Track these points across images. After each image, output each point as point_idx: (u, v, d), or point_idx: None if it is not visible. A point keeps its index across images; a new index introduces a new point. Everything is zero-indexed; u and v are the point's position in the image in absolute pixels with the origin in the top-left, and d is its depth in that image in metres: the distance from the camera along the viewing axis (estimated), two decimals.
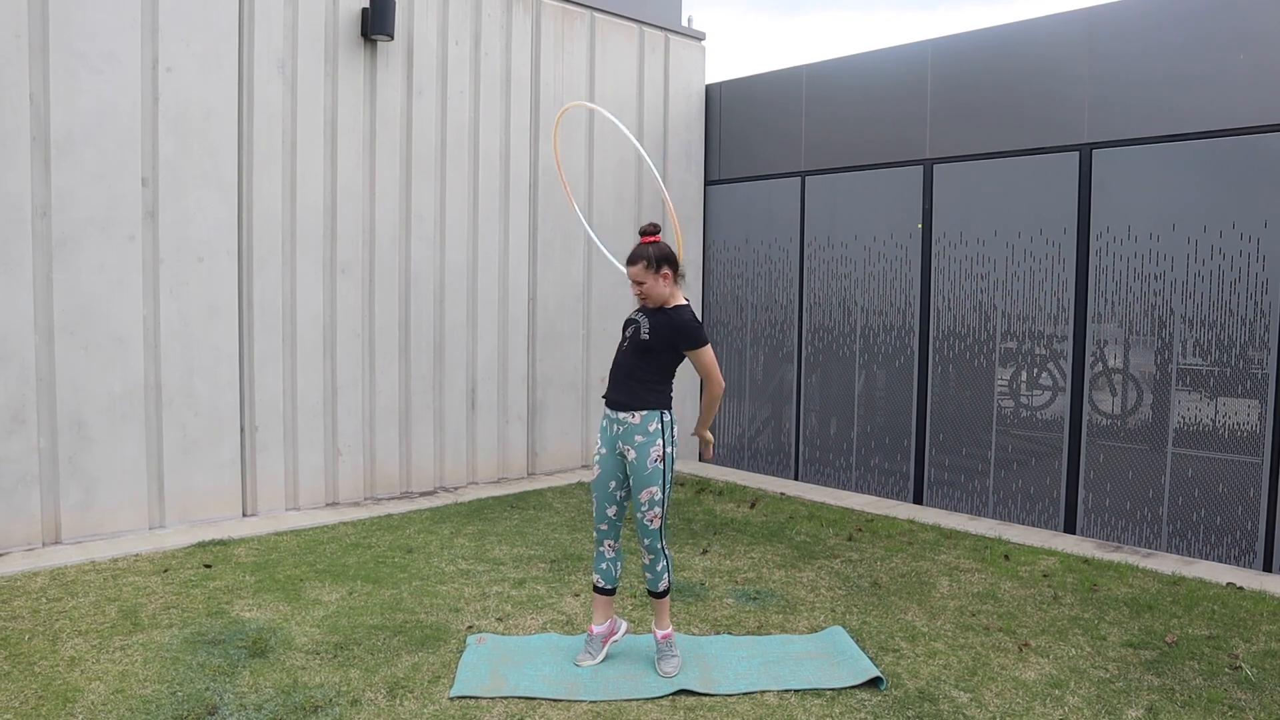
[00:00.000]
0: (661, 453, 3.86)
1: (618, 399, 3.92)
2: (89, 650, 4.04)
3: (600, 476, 4.01)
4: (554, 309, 8.02)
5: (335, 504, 6.77)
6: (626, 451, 3.90)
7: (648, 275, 3.89)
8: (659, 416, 3.87)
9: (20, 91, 5.31)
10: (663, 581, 3.99)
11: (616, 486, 3.99)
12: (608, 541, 4.04)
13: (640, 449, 3.86)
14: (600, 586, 4.09)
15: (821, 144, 7.93)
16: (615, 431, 3.93)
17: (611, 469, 3.98)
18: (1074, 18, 6.45)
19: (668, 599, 4.03)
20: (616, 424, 3.92)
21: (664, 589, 4.00)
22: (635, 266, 3.90)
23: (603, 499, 4.01)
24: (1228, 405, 5.86)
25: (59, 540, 5.58)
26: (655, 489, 3.86)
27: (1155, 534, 6.11)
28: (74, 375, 5.57)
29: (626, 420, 3.88)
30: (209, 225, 6.06)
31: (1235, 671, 4.07)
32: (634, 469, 3.88)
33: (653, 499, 3.87)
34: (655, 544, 3.95)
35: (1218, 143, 5.83)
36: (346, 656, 4.04)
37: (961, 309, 7.05)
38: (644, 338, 3.91)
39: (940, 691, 3.84)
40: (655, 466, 3.85)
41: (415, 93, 7.01)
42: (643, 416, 3.86)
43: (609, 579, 4.08)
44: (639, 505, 3.90)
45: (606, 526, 4.02)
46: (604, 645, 4.08)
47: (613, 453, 3.97)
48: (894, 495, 7.49)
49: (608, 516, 4.02)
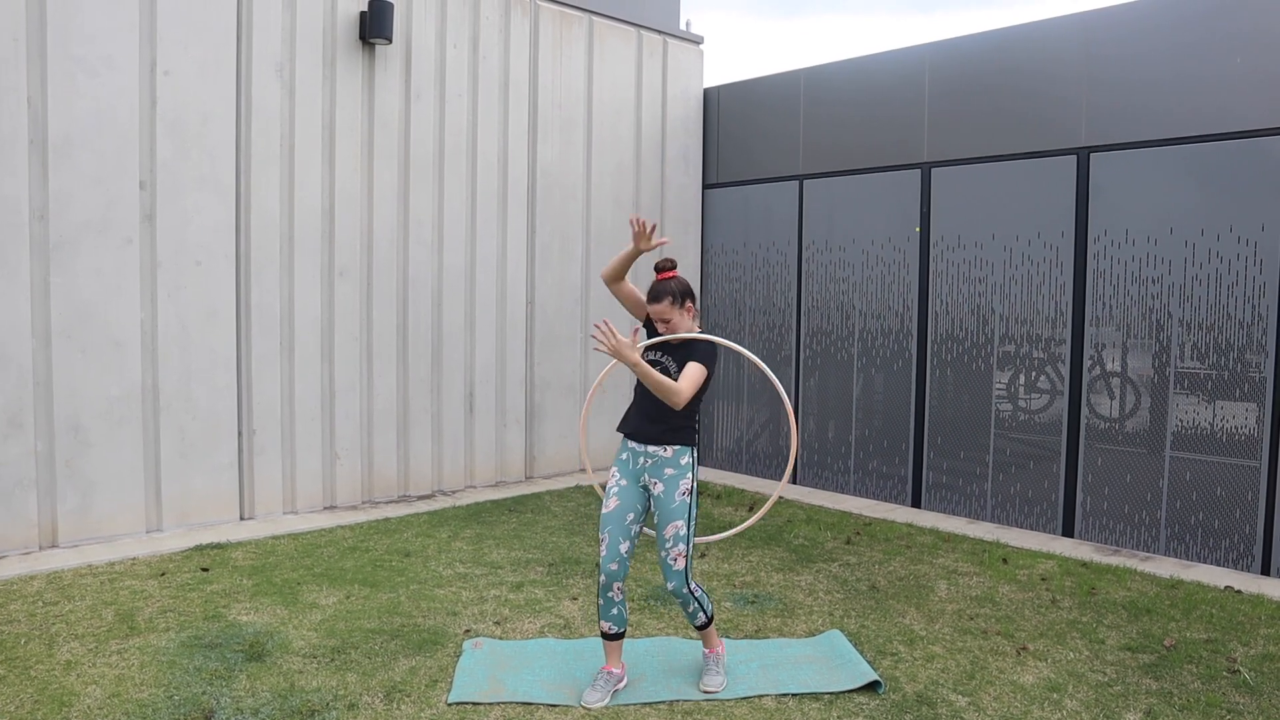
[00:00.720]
0: (689, 487, 3.77)
1: (649, 434, 3.78)
2: (85, 654, 4.03)
3: (617, 509, 3.79)
4: (552, 312, 8.02)
5: (333, 507, 6.77)
6: (653, 485, 3.78)
7: (673, 311, 3.79)
8: (690, 451, 3.79)
9: (18, 95, 5.31)
10: (700, 616, 3.86)
11: (634, 520, 3.80)
12: (616, 585, 3.79)
13: (669, 482, 3.76)
14: (612, 633, 3.85)
15: (819, 147, 7.93)
16: (641, 464, 3.80)
17: (631, 501, 3.80)
18: (1071, 21, 6.47)
19: (711, 626, 3.91)
20: (644, 457, 3.79)
21: (702, 623, 3.89)
22: (660, 304, 3.78)
23: (618, 533, 3.77)
24: (1225, 409, 5.86)
25: (56, 544, 5.57)
26: (680, 523, 3.73)
27: (1153, 537, 6.10)
28: (71, 379, 5.57)
29: (657, 454, 3.77)
30: (207, 229, 6.06)
31: (1233, 675, 4.07)
32: (659, 503, 3.77)
33: (678, 534, 3.73)
34: (681, 588, 3.76)
35: (1215, 146, 5.83)
36: (344, 660, 4.03)
37: (959, 312, 7.06)
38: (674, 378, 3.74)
39: (938, 695, 3.83)
40: (682, 500, 3.74)
41: (413, 96, 7.02)
42: (675, 450, 3.77)
43: (620, 623, 3.85)
44: (663, 543, 3.75)
45: (617, 566, 3.76)
46: (613, 688, 3.85)
47: (635, 484, 3.82)
48: (892, 499, 7.49)
49: (620, 554, 3.76)
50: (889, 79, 7.45)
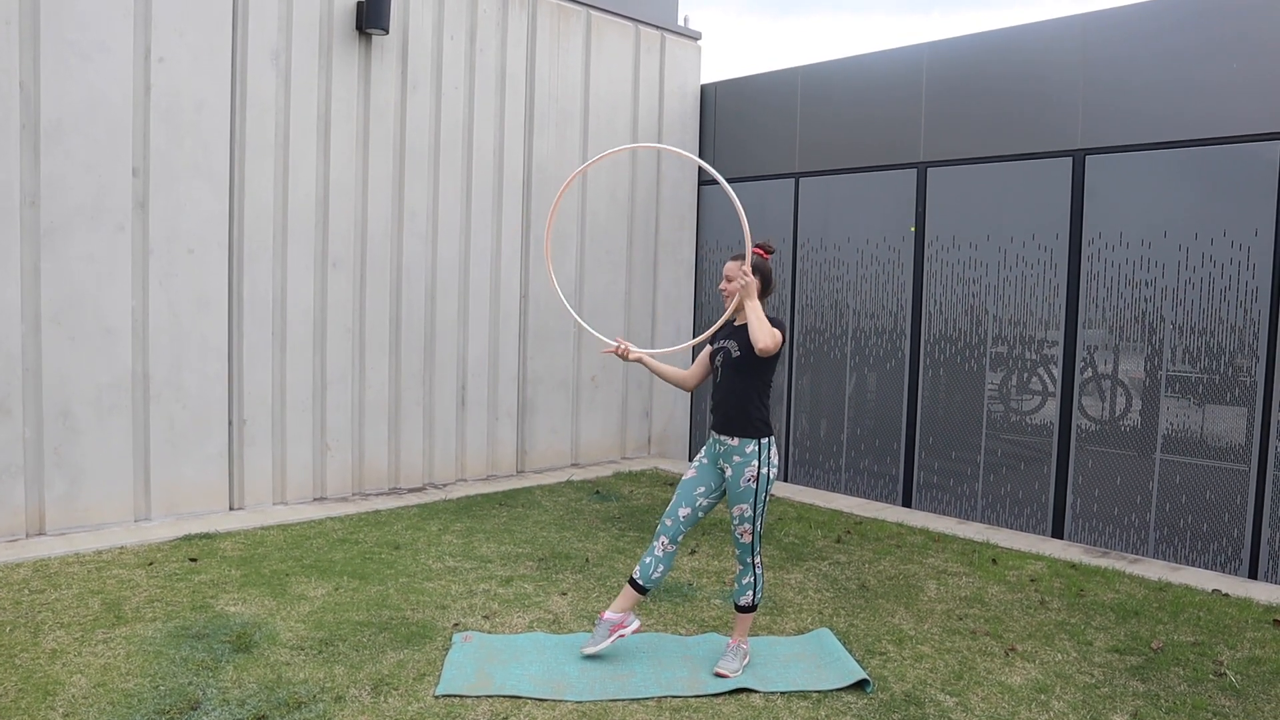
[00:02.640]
0: (756, 474, 3.97)
1: (722, 423, 4.04)
2: (71, 643, 4.01)
3: (691, 478, 4.12)
4: (545, 307, 8.00)
5: (323, 499, 6.74)
6: (725, 468, 4.05)
7: (749, 276, 3.93)
8: (756, 442, 3.98)
9: (10, 79, 5.27)
10: (745, 596, 4.05)
11: (704, 494, 4.09)
12: (663, 538, 4.08)
13: (737, 468, 3.99)
14: (634, 578, 4.10)
15: (816, 145, 7.93)
16: (718, 450, 4.07)
17: (705, 477, 4.10)
18: (1069, 23, 6.47)
19: (750, 616, 4.07)
20: (719, 444, 4.06)
21: (745, 604, 4.05)
22: (736, 263, 4.02)
23: (682, 496, 4.09)
24: (1215, 412, 5.88)
25: (43, 531, 5.54)
26: (746, 506, 3.97)
27: (1142, 540, 6.12)
28: (61, 365, 5.53)
29: (726, 441, 4.02)
30: (200, 217, 6.02)
31: (1220, 678, 4.08)
32: (730, 484, 4.02)
33: (743, 515, 3.98)
34: (746, 557, 4.04)
35: (1211, 150, 5.85)
36: (331, 653, 4.02)
37: (953, 313, 7.06)
38: (736, 355, 4.01)
39: (926, 695, 3.84)
40: (749, 485, 3.97)
41: (410, 87, 6.98)
42: (740, 441, 3.99)
43: (645, 574, 4.07)
44: (733, 518, 4.03)
45: (670, 523, 4.08)
46: (610, 634, 4.05)
47: (713, 464, 4.11)
48: (883, 498, 7.50)
49: (676, 515, 4.08)
50: (886, 78, 7.45)
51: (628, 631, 4.12)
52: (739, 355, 3.99)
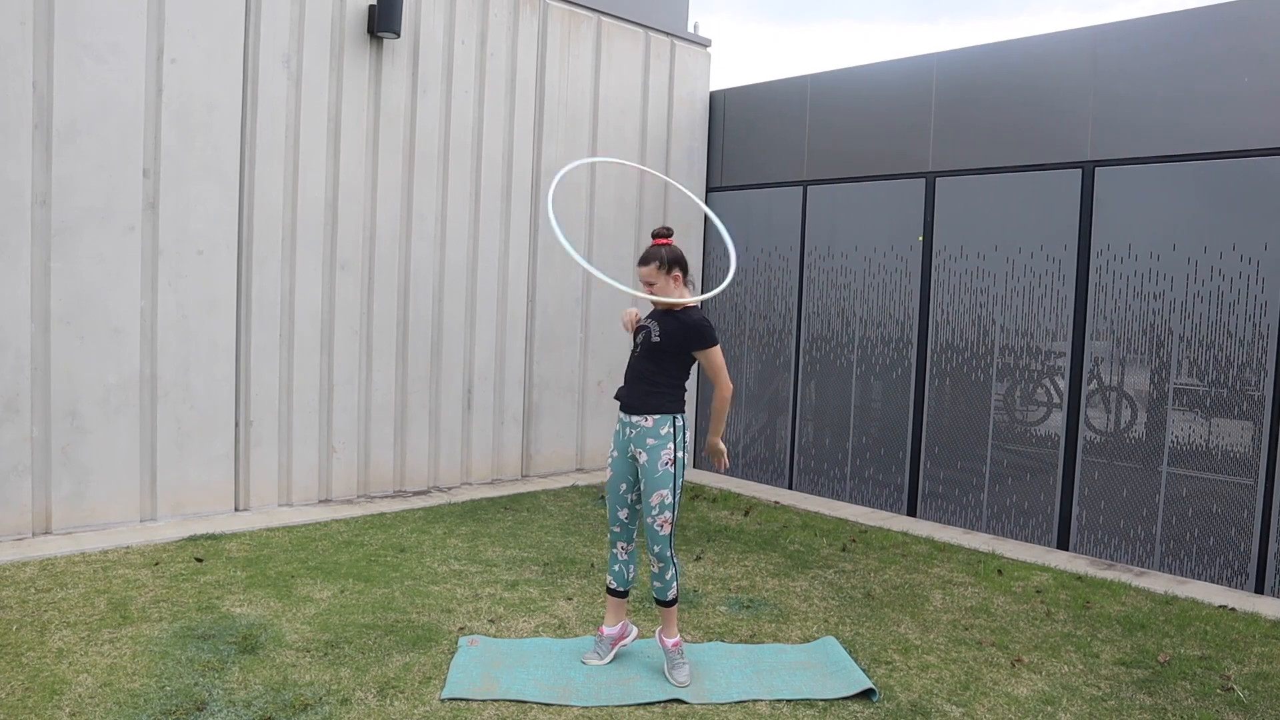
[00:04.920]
0: (673, 456, 3.88)
1: (630, 402, 3.96)
2: (77, 642, 4.02)
3: (612, 479, 4.07)
4: (553, 311, 8.01)
5: (328, 501, 6.75)
6: (638, 455, 3.93)
7: (659, 276, 3.97)
8: (671, 420, 3.90)
9: (24, 79, 5.29)
10: (671, 590, 4.00)
11: (627, 489, 4.04)
12: (620, 544, 4.08)
13: (651, 452, 3.89)
14: (612, 588, 4.12)
15: (824, 154, 7.93)
16: (627, 435, 3.97)
17: (623, 472, 4.02)
18: (1079, 35, 6.47)
19: (675, 608, 4.03)
20: (629, 427, 3.96)
21: (672, 598, 4.01)
22: (647, 267, 3.98)
23: (614, 501, 4.07)
24: (1222, 426, 5.87)
25: (49, 530, 5.55)
26: (665, 492, 3.87)
27: (1148, 553, 6.11)
28: (69, 365, 5.54)
29: (639, 424, 3.91)
30: (209, 218, 6.04)
31: (1227, 693, 4.07)
32: (645, 472, 3.90)
33: (663, 502, 3.87)
34: (665, 551, 3.92)
35: (1221, 164, 5.84)
36: (337, 655, 4.01)
37: (960, 323, 7.06)
38: (655, 340, 3.96)
39: (932, 705, 3.83)
40: (666, 470, 3.87)
41: (420, 91, 7.00)
42: (655, 420, 3.89)
43: (621, 581, 4.11)
44: (649, 509, 3.91)
45: (619, 529, 4.08)
46: (613, 648, 4.09)
47: (624, 456, 4.01)
48: (888, 507, 7.49)
49: (620, 519, 4.07)
50: (895, 88, 7.45)
51: (628, 641, 4.14)
52: (659, 341, 3.94)
